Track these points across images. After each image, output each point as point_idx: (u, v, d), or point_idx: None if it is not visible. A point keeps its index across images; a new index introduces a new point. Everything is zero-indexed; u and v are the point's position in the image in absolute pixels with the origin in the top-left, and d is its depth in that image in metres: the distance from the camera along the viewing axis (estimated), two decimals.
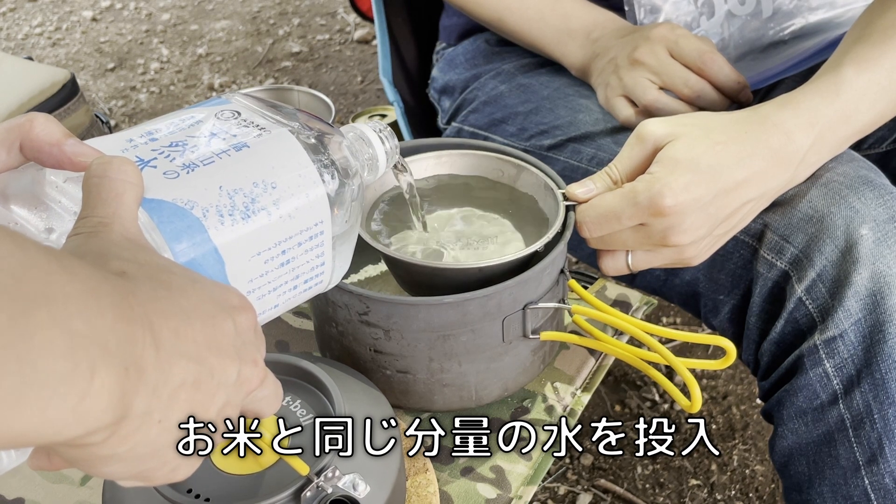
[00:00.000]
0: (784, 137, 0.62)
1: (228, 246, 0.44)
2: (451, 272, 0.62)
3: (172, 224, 0.42)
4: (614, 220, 0.62)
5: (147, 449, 0.33)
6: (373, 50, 2.35)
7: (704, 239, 0.63)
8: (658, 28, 0.76)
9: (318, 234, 0.48)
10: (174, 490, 0.50)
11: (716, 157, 0.61)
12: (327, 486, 0.50)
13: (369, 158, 0.56)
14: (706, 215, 0.61)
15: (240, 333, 0.37)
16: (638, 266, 0.66)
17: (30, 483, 0.65)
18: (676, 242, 0.62)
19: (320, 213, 0.48)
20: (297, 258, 0.48)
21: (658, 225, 0.61)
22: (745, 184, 0.62)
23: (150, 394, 0.32)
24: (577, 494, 1.20)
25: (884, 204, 0.64)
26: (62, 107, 1.07)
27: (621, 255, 0.66)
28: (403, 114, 1.02)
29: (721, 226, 0.64)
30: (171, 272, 0.36)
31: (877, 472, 0.63)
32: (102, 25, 2.54)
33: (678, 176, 0.60)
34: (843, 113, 0.64)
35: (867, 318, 0.62)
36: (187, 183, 0.43)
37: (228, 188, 0.44)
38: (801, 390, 0.65)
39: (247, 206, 0.44)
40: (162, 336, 0.33)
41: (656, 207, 0.60)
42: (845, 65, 0.64)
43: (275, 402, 0.42)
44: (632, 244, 0.64)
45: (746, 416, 1.30)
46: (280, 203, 0.46)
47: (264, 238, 0.45)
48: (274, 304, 0.49)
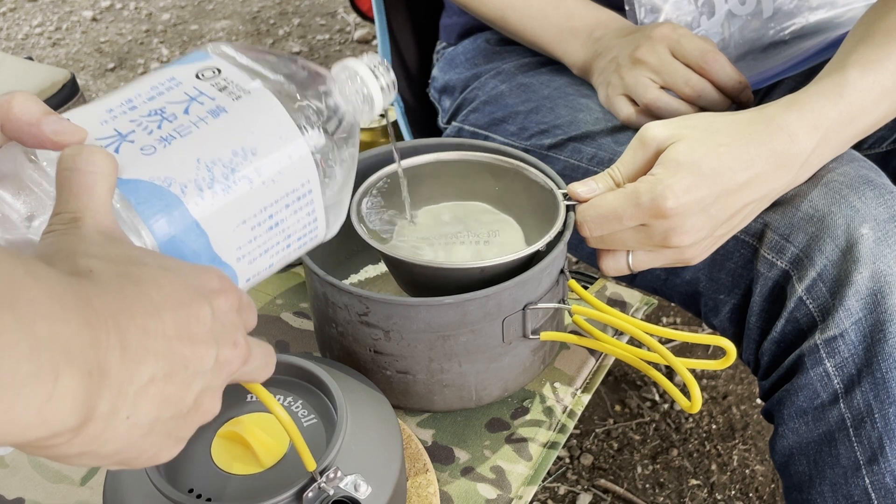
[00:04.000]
0: (788, 140, 0.62)
1: (210, 219, 0.43)
2: (452, 272, 0.62)
3: (150, 204, 0.41)
4: (615, 220, 0.62)
5: (119, 444, 0.34)
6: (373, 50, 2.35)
7: (705, 240, 0.64)
8: (660, 27, 0.76)
9: (307, 194, 0.47)
10: (175, 490, 0.50)
11: (718, 160, 0.61)
12: (329, 486, 0.50)
13: (364, 99, 0.54)
14: (707, 217, 0.61)
15: (218, 317, 0.37)
16: (638, 266, 0.66)
17: (30, 483, 0.65)
18: (677, 244, 0.62)
19: (306, 173, 0.47)
20: (287, 220, 0.47)
21: (659, 226, 0.61)
22: (747, 186, 0.62)
23: (115, 394, 0.32)
24: (577, 494, 1.20)
25: (884, 203, 0.64)
26: (62, 107, 1.07)
27: (622, 256, 0.66)
28: (403, 113, 1.02)
29: (722, 227, 0.64)
30: (143, 264, 0.36)
31: (877, 472, 0.63)
32: (102, 25, 2.54)
33: (680, 178, 0.60)
34: (848, 115, 0.64)
35: (868, 317, 0.62)
36: (164, 158, 0.42)
37: (206, 160, 0.43)
38: (801, 390, 0.65)
39: (226, 177, 0.43)
40: (128, 335, 0.33)
41: (658, 209, 0.60)
42: (850, 66, 0.64)
43: (265, 370, 0.42)
44: (632, 244, 0.64)
45: (746, 416, 1.30)
46: (262, 169, 0.45)
47: (248, 206, 0.45)
48: (268, 265, 0.48)
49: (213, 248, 0.44)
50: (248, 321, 0.41)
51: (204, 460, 0.53)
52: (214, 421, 0.55)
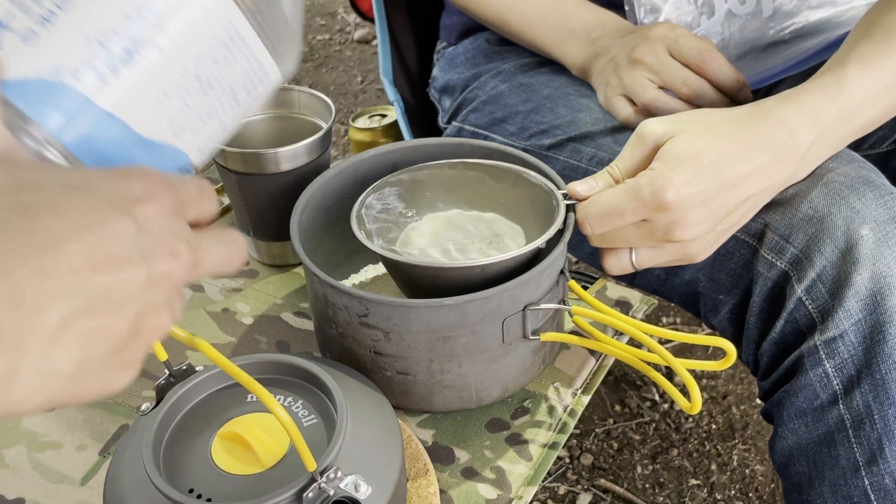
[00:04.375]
0: (787, 134, 0.62)
1: (122, 103, 0.37)
2: (452, 272, 0.62)
3: (44, 106, 0.35)
4: (616, 215, 0.62)
5: (40, 398, 0.30)
6: (373, 50, 2.35)
7: (708, 234, 0.63)
8: (658, 27, 0.76)
9: (235, 38, 0.39)
10: (175, 490, 0.50)
11: (718, 153, 0.61)
12: (329, 487, 0.50)
13: None
14: (709, 210, 0.61)
15: (144, 228, 0.32)
16: (642, 264, 0.66)
17: (30, 483, 0.65)
18: (680, 238, 0.62)
19: (225, 13, 0.39)
20: (221, 74, 0.40)
21: (661, 220, 0.61)
22: (747, 179, 0.62)
23: (10, 353, 0.28)
24: (577, 494, 1.20)
25: (884, 205, 0.64)
26: None
27: (625, 253, 0.65)
28: (404, 113, 1.02)
29: (724, 221, 0.63)
30: (40, 188, 0.31)
31: (877, 473, 0.63)
32: None
33: (680, 171, 0.60)
34: (847, 111, 0.64)
35: (867, 318, 0.62)
36: (48, 43, 0.35)
37: (96, 34, 0.36)
38: (801, 390, 0.65)
39: (127, 50, 0.36)
40: (22, 282, 0.29)
41: (659, 202, 0.60)
42: (850, 63, 0.64)
43: (228, 262, 0.37)
44: (635, 241, 0.64)
45: (746, 416, 1.30)
46: (168, 28, 0.37)
47: (165, 75, 0.37)
48: (219, 128, 0.41)
49: (137, 133, 0.38)
50: (200, 213, 0.36)
51: (204, 460, 0.53)
52: (215, 421, 0.56)
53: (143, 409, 0.57)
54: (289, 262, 0.84)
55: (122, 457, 0.56)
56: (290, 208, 0.68)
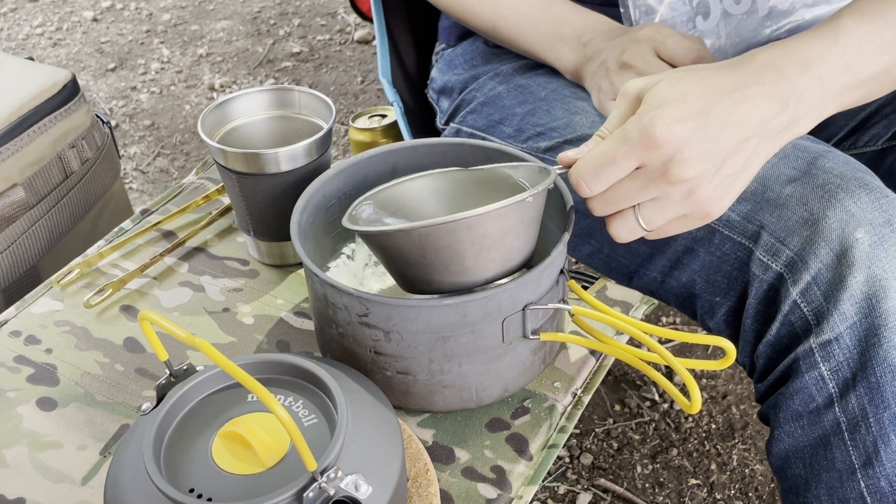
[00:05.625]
0: (775, 73, 0.59)
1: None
2: (438, 233, 0.58)
3: None
4: (609, 164, 0.58)
5: None
6: (373, 50, 2.35)
7: (713, 177, 0.58)
8: (644, 29, 0.76)
9: None
10: (176, 490, 0.50)
11: (704, 89, 0.58)
12: (329, 486, 0.50)
13: None
14: (705, 147, 0.57)
15: None
16: (650, 221, 0.60)
17: (31, 483, 0.65)
18: (679, 176, 0.57)
19: None
20: None
21: (656, 160, 0.57)
22: (740, 113, 0.58)
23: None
24: (577, 494, 1.20)
25: (879, 207, 0.64)
26: (63, 107, 1.08)
27: (630, 215, 0.60)
28: (403, 114, 1.02)
29: (728, 163, 0.58)
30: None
31: (872, 476, 0.63)
32: (103, 26, 2.55)
33: (668, 107, 0.57)
34: (843, 60, 0.60)
35: (863, 321, 0.62)
36: None
37: None
38: (796, 393, 0.65)
39: None
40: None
41: (649, 139, 0.56)
42: (844, 15, 0.61)
43: None
44: (635, 194, 0.59)
45: (746, 416, 1.30)
46: None
47: None
48: None
49: None
50: None
51: (204, 460, 0.53)
52: (215, 420, 0.56)
53: (143, 409, 0.57)
54: (289, 262, 0.84)
55: (123, 456, 0.56)
56: (291, 208, 0.68)
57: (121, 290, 0.82)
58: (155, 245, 0.88)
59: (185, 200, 0.93)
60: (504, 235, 0.60)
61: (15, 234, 1.04)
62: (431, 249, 0.59)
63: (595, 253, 0.81)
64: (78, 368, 0.74)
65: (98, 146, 1.14)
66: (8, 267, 1.04)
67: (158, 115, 2.10)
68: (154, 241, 0.88)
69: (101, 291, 0.81)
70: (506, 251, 0.61)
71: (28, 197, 1.04)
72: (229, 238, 0.88)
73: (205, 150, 1.97)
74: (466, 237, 0.58)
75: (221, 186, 0.93)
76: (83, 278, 0.84)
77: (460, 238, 0.59)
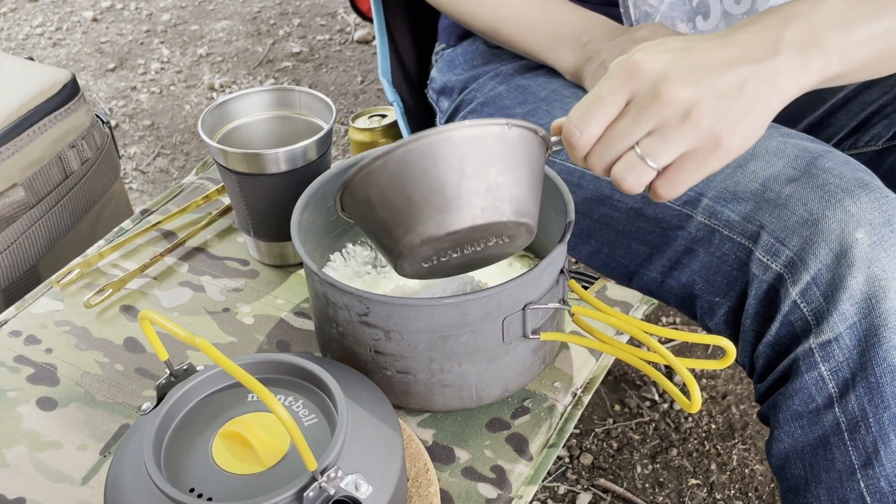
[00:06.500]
0: (760, 27, 0.57)
1: None
2: (414, 150, 0.55)
3: None
4: (596, 102, 0.56)
5: None
6: (373, 50, 2.35)
7: (710, 98, 0.54)
8: (642, 30, 0.76)
9: None
10: (176, 489, 0.50)
11: (686, 42, 0.56)
12: (330, 486, 0.50)
13: None
14: (692, 70, 0.54)
15: None
16: (655, 155, 0.55)
17: (31, 483, 0.65)
18: (670, 96, 0.53)
19: None
20: None
21: (643, 87, 0.54)
22: (724, 53, 0.55)
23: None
24: (577, 494, 1.20)
25: (879, 208, 0.64)
26: (63, 107, 1.08)
27: (631, 155, 0.56)
28: (403, 114, 1.02)
29: (722, 86, 0.54)
30: None
31: (872, 476, 0.63)
32: (103, 26, 2.55)
33: (648, 45, 0.56)
34: (834, 16, 0.57)
35: (862, 321, 0.62)
36: None
37: None
38: (796, 394, 0.65)
39: None
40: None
41: (631, 66, 0.54)
42: None
43: None
44: (630, 129, 0.55)
45: (746, 416, 1.30)
46: None
47: None
48: None
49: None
50: None
51: (205, 460, 0.53)
52: (215, 420, 0.56)
53: (143, 409, 0.57)
54: (289, 262, 0.84)
55: (123, 456, 0.56)
56: (291, 208, 0.68)
57: (121, 290, 0.82)
58: (155, 245, 0.88)
59: (185, 200, 0.93)
60: (486, 165, 0.56)
61: (15, 234, 1.04)
62: (410, 179, 0.55)
63: (595, 253, 0.81)
64: (78, 368, 0.74)
65: (98, 146, 1.14)
66: (8, 267, 1.04)
67: (158, 115, 2.10)
68: (154, 241, 0.88)
69: (101, 291, 0.81)
70: (490, 184, 0.56)
71: (28, 197, 1.04)
72: (229, 238, 0.88)
73: (205, 150, 1.97)
74: (445, 160, 0.55)
75: (221, 186, 0.93)
76: (83, 278, 0.84)
77: (439, 161, 0.55)
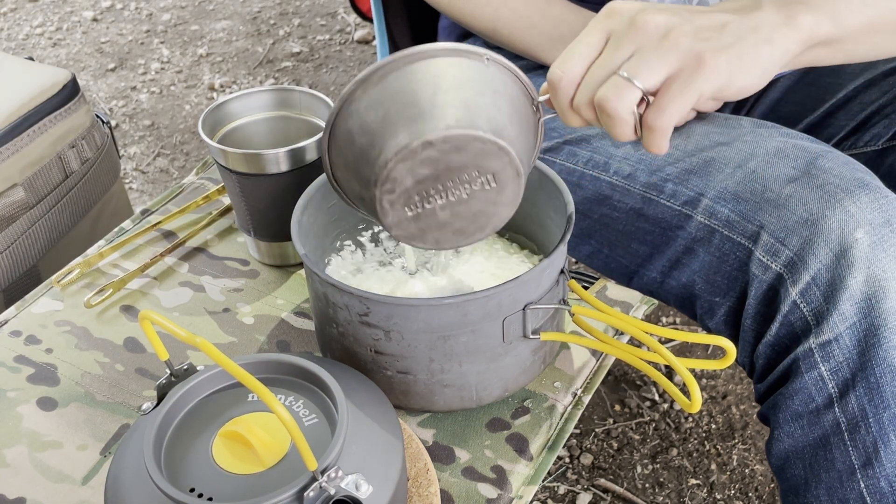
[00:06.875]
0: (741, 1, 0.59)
1: None
2: (396, 69, 0.55)
3: None
4: (576, 43, 0.58)
5: None
6: (373, 50, 2.35)
7: (687, 26, 0.55)
8: None
9: None
10: (176, 489, 0.50)
11: (666, 6, 0.58)
12: (330, 486, 0.50)
13: None
14: (669, 9, 0.56)
15: None
16: (639, 74, 0.55)
17: (31, 483, 0.65)
18: (646, 21, 0.55)
19: None
20: None
21: (620, 23, 0.56)
22: (706, 11, 0.57)
23: None
24: (577, 494, 1.20)
25: (879, 208, 0.64)
26: (63, 107, 1.08)
27: (616, 79, 0.56)
28: None
29: (700, 20, 0.56)
30: None
31: (872, 476, 0.63)
32: (103, 26, 2.55)
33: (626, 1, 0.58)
34: None
35: (862, 321, 0.62)
36: None
37: None
38: (796, 394, 0.65)
39: None
40: None
41: (607, 10, 0.57)
42: None
43: None
44: (611, 57, 0.56)
45: (746, 416, 1.30)
46: None
47: None
48: None
49: None
50: None
51: (205, 459, 0.53)
52: (216, 420, 0.56)
53: (144, 409, 0.57)
54: (289, 262, 0.84)
55: (123, 456, 0.56)
56: (291, 208, 0.68)
57: (121, 290, 0.82)
58: (155, 245, 0.88)
59: (186, 200, 0.93)
60: (462, 83, 0.56)
61: (15, 234, 1.04)
62: (386, 98, 0.55)
63: (595, 253, 0.81)
64: (78, 368, 0.74)
65: (98, 146, 1.14)
66: (8, 267, 1.04)
67: (158, 115, 2.10)
68: (154, 241, 0.88)
69: (101, 291, 0.81)
70: (466, 99, 0.55)
71: (28, 197, 1.04)
72: (229, 238, 0.88)
73: (205, 150, 1.97)
74: (420, 76, 0.55)
75: (222, 186, 0.93)
76: (83, 278, 0.84)
77: (413, 78, 0.55)
